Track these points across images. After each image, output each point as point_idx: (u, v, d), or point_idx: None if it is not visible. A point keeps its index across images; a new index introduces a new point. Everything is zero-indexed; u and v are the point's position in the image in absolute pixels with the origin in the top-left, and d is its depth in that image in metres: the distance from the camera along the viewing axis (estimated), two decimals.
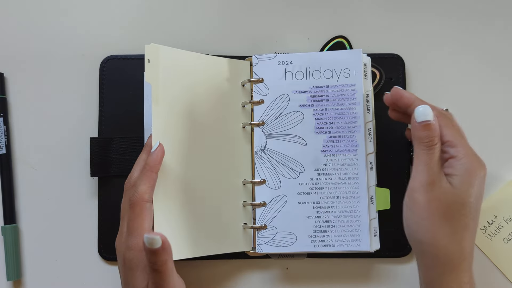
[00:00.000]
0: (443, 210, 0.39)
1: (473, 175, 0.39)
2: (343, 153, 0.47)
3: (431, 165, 0.40)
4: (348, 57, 0.48)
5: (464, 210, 0.39)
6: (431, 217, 0.39)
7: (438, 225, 0.39)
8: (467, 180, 0.39)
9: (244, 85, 0.50)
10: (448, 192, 0.39)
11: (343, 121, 0.48)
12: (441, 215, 0.39)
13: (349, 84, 0.48)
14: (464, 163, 0.40)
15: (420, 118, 0.41)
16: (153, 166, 0.43)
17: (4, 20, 0.54)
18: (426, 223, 0.40)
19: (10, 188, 0.51)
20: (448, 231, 0.39)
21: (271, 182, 0.48)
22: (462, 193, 0.39)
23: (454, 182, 0.40)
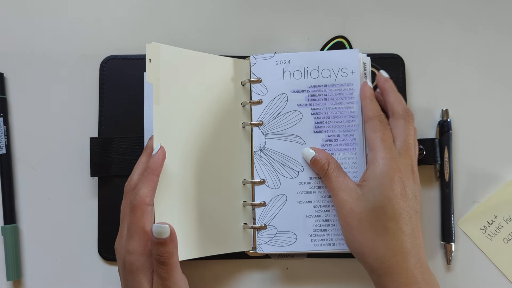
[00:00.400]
0: (358, 219, 0.42)
1: (381, 180, 0.41)
2: (341, 152, 0.47)
3: (335, 185, 0.44)
4: (345, 56, 0.48)
5: (378, 215, 0.41)
6: (352, 228, 0.42)
7: (359, 234, 0.42)
8: (375, 185, 0.41)
9: (244, 85, 0.50)
10: (359, 201, 0.42)
11: (342, 120, 0.48)
12: (358, 225, 0.42)
13: (347, 83, 0.48)
14: (375, 168, 0.42)
15: (307, 159, 0.47)
16: (154, 169, 0.42)
17: (4, 20, 0.54)
18: (350, 234, 0.43)
19: (10, 188, 0.51)
20: (369, 238, 0.41)
21: (271, 182, 0.48)
22: (371, 199, 0.41)
23: (364, 189, 0.42)
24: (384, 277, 0.41)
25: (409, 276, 0.40)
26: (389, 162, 0.42)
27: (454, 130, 0.52)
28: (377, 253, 0.41)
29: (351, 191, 0.43)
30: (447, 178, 0.50)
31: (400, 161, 0.42)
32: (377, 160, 0.42)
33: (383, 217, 0.41)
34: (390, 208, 0.41)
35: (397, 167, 0.42)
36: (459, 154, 0.52)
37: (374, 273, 0.42)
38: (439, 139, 0.51)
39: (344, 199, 0.43)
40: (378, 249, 0.41)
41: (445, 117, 0.52)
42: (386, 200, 0.41)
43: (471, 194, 0.51)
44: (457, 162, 0.52)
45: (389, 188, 0.41)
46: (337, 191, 0.44)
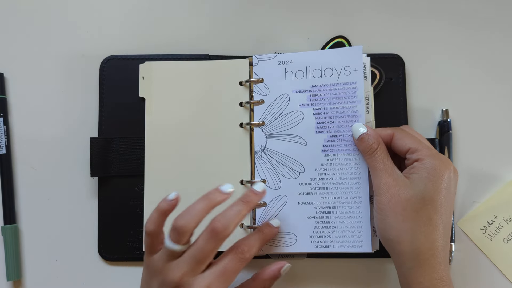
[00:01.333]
0: (403, 206, 0.41)
1: (433, 173, 0.41)
2: (344, 153, 0.47)
3: (381, 166, 0.43)
4: (348, 54, 0.48)
5: (425, 205, 0.41)
6: (393, 214, 0.41)
7: (401, 221, 0.41)
8: (426, 176, 0.41)
9: (242, 84, 0.50)
10: (405, 188, 0.41)
11: (344, 120, 0.47)
12: (402, 212, 0.41)
13: (350, 82, 0.47)
14: (425, 162, 0.41)
15: (356, 135, 0.45)
16: (164, 211, 0.41)
17: (5, 20, 0.53)
18: (389, 220, 0.41)
19: (10, 188, 0.51)
20: (411, 226, 0.40)
21: (271, 182, 0.48)
22: (421, 188, 0.41)
23: (413, 178, 0.41)
24: (417, 270, 0.40)
25: (440, 272, 0.40)
26: (438, 157, 0.42)
27: (454, 130, 0.52)
28: (416, 243, 0.40)
29: (398, 177, 0.42)
30: None
31: (445, 159, 0.42)
32: (424, 156, 0.42)
33: (430, 208, 0.40)
34: (438, 200, 0.41)
35: (446, 162, 0.42)
36: (459, 154, 0.52)
37: (405, 265, 0.41)
38: (439, 139, 0.51)
39: (390, 183, 0.42)
40: (418, 240, 0.40)
41: (445, 117, 0.52)
42: (436, 192, 0.41)
43: (471, 194, 0.51)
44: (457, 162, 0.52)
45: (440, 181, 0.41)
46: (382, 173, 0.42)
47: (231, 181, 0.48)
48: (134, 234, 0.50)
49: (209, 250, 0.40)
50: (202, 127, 0.49)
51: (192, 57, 0.52)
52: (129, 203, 0.50)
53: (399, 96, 0.52)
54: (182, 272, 0.39)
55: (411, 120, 0.52)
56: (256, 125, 0.49)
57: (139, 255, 0.49)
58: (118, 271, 0.50)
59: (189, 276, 0.39)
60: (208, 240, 0.40)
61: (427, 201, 0.40)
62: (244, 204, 0.42)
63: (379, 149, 0.43)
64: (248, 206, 0.42)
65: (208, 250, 0.39)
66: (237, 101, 0.50)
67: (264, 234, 0.44)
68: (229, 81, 0.50)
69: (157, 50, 0.53)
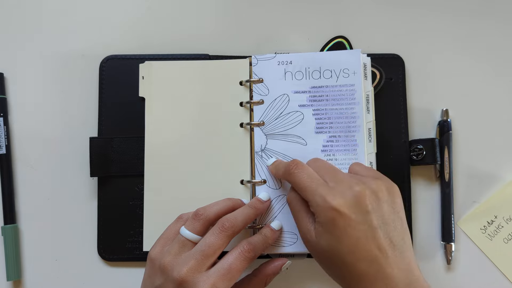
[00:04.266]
0: (321, 259, 0.40)
1: (329, 227, 0.38)
2: (343, 153, 0.47)
3: (299, 225, 0.41)
4: (347, 57, 0.48)
5: (332, 262, 0.38)
6: (319, 263, 0.41)
7: (326, 269, 0.40)
8: (326, 231, 0.38)
9: (243, 84, 0.50)
10: (315, 244, 0.39)
11: (343, 121, 0.48)
12: (322, 263, 0.40)
13: (348, 84, 0.48)
14: (319, 218, 0.39)
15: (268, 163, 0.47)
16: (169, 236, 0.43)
17: (4, 20, 0.53)
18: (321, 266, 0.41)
19: (10, 188, 0.51)
20: (336, 275, 0.39)
21: (272, 182, 0.48)
22: (323, 244, 0.38)
23: (318, 237, 0.39)
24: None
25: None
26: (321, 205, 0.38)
27: (454, 130, 0.52)
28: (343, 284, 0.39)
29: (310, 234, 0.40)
30: (447, 178, 0.50)
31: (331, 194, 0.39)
32: (315, 210, 0.39)
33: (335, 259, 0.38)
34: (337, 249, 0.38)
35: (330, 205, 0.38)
36: (459, 154, 0.52)
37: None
38: (439, 139, 0.51)
39: (305, 240, 0.41)
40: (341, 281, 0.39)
41: (445, 117, 0.52)
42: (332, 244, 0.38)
43: (471, 194, 0.51)
44: (457, 162, 0.52)
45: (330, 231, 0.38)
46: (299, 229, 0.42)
47: (231, 181, 0.48)
48: (134, 234, 0.50)
49: (217, 245, 0.40)
50: (202, 127, 0.49)
51: (192, 57, 0.52)
52: (129, 203, 0.50)
53: (399, 96, 0.52)
54: (189, 267, 0.39)
55: (411, 120, 0.52)
56: (256, 125, 0.49)
57: (139, 255, 0.49)
58: (118, 271, 0.50)
59: (195, 273, 0.39)
60: (217, 235, 0.40)
61: (334, 252, 0.38)
62: (251, 209, 0.44)
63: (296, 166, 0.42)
64: (255, 212, 0.44)
65: (216, 245, 0.40)
66: (237, 101, 0.50)
67: (266, 237, 0.44)
68: (229, 81, 0.50)
69: (157, 50, 0.53)
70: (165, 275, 0.39)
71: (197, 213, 0.42)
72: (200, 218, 0.42)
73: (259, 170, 0.48)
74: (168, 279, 0.39)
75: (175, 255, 0.40)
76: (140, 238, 0.49)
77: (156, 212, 0.49)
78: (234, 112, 0.49)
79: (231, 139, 0.49)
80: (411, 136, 0.52)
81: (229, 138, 0.49)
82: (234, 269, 0.40)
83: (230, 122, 0.49)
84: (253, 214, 0.44)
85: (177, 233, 0.42)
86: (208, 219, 0.42)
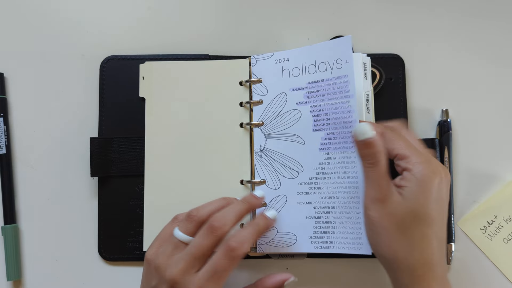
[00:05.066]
0: (397, 223, 0.39)
1: (423, 184, 0.39)
2: (341, 151, 0.46)
3: (378, 181, 0.40)
4: (338, 46, 0.46)
5: (418, 221, 0.39)
6: (386, 232, 0.40)
7: (394, 239, 0.39)
8: (417, 190, 0.39)
9: (242, 84, 0.50)
10: (398, 205, 0.39)
11: (339, 116, 0.46)
12: (396, 229, 0.39)
13: (342, 75, 0.46)
14: (415, 173, 0.39)
15: (360, 136, 0.40)
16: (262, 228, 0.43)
17: (4, 20, 0.54)
18: (383, 238, 0.40)
19: (10, 188, 0.51)
20: (405, 243, 0.39)
21: (271, 182, 0.48)
22: (413, 204, 0.39)
23: (405, 193, 0.39)
24: (412, 286, 0.39)
25: (436, 286, 0.39)
26: (427, 165, 0.40)
27: (454, 130, 0.52)
28: (411, 260, 0.39)
29: (391, 193, 0.40)
30: None
31: (435, 164, 0.40)
32: (413, 165, 0.40)
33: (424, 224, 0.39)
34: (431, 215, 0.39)
35: (436, 170, 0.40)
36: (459, 154, 0.52)
37: (400, 281, 0.40)
38: (439, 139, 0.51)
39: (382, 199, 0.40)
40: (412, 257, 0.39)
41: (445, 117, 0.52)
42: (429, 206, 0.39)
43: (471, 194, 0.51)
44: (457, 162, 0.52)
45: (431, 192, 0.39)
46: (376, 187, 0.40)
47: (231, 181, 0.48)
48: (134, 234, 0.50)
49: (206, 246, 0.40)
50: (202, 127, 0.49)
51: (192, 57, 0.52)
52: (129, 203, 0.50)
53: (399, 96, 0.52)
54: (179, 268, 0.39)
55: (411, 120, 0.52)
56: (256, 125, 0.49)
57: (139, 255, 0.49)
58: (118, 271, 0.50)
59: (186, 274, 0.39)
60: (205, 236, 0.40)
61: (421, 216, 0.39)
62: (243, 204, 0.43)
63: (381, 162, 0.40)
64: (248, 207, 0.43)
65: (205, 247, 0.40)
66: (237, 101, 0.50)
67: (258, 226, 0.43)
68: (229, 81, 0.50)
69: (157, 50, 0.53)
70: (159, 276, 0.40)
71: (190, 214, 0.42)
72: (193, 220, 0.42)
73: (259, 170, 0.48)
74: (162, 280, 0.39)
75: (169, 256, 0.40)
76: (140, 238, 0.49)
77: (156, 212, 0.49)
78: (234, 113, 0.49)
79: (231, 139, 0.49)
80: None
81: (229, 138, 0.49)
82: (220, 270, 0.39)
83: (230, 122, 0.49)
84: (245, 210, 0.42)
85: (172, 233, 0.42)
86: (201, 220, 0.42)
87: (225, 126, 0.49)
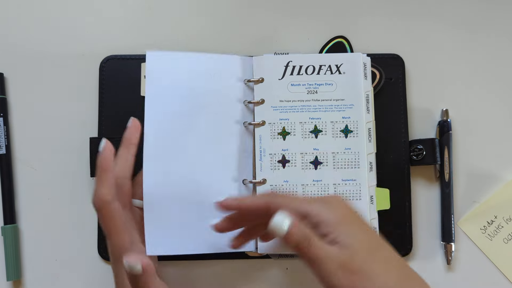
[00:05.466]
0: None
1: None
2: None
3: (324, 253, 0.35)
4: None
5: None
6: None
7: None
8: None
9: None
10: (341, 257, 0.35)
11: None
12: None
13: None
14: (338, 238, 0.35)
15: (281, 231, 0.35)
16: (105, 168, 0.42)
17: (4, 20, 0.54)
18: None
19: (10, 188, 0.51)
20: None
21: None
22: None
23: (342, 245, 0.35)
24: None
25: None
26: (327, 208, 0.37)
27: (454, 130, 0.52)
28: None
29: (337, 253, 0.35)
30: (447, 178, 0.50)
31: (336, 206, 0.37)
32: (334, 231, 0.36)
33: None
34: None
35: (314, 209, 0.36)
36: (459, 154, 0.52)
37: None
38: (439, 139, 0.51)
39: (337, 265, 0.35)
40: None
41: (445, 117, 0.52)
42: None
43: (471, 194, 0.51)
44: (457, 162, 0.52)
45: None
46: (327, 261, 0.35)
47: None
48: None
49: None
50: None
51: None
52: None
53: (399, 96, 0.52)
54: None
55: (411, 120, 0.52)
56: (257, 124, 0.49)
57: None
58: None
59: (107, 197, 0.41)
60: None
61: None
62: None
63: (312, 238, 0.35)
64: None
65: None
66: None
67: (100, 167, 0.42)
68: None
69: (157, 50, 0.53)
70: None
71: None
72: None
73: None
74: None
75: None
76: None
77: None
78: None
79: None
80: (411, 136, 0.52)
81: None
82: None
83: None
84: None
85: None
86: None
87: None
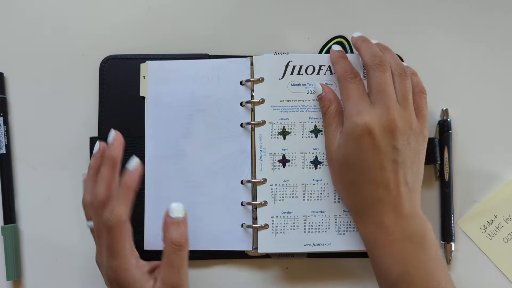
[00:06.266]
0: (335, 170, 0.46)
1: (346, 135, 0.43)
2: None
3: (327, 130, 0.46)
4: None
5: (346, 169, 0.44)
6: (331, 175, 0.47)
7: (334, 183, 0.46)
8: (342, 140, 0.44)
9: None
10: (335, 153, 0.44)
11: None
12: (334, 175, 0.46)
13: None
14: (344, 125, 0.44)
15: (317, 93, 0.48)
16: (131, 186, 0.42)
17: (4, 20, 0.54)
18: (332, 179, 0.47)
19: (10, 188, 0.51)
20: (341, 187, 0.45)
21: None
22: (340, 154, 0.44)
23: (340, 143, 0.44)
24: (357, 222, 0.44)
25: (378, 221, 0.42)
26: (355, 117, 0.42)
27: (454, 130, 0.52)
28: (348, 202, 0.45)
29: (335, 142, 0.45)
30: (447, 178, 0.50)
31: (369, 113, 0.42)
32: (346, 117, 0.44)
33: (350, 172, 0.43)
34: (355, 163, 0.42)
35: (363, 121, 0.42)
36: (459, 154, 0.52)
37: (352, 218, 0.46)
38: (439, 139, 0.51)
39: (328, 146, 0.46)
40: (348, 199, 0.45)
41: (445, 117, 0.52)
42: (351, 156, 0.43)
43: (471, 194, 0.51)
44: (457, 162, 0.52)
45: (353, 144, 0.42)
46: (325, 136, 0.47)
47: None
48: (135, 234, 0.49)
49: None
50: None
51: (192, 56, 0.52)
52: None
53: None
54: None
55: None
56: (257, 124, 0.49)
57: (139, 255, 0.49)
58: None
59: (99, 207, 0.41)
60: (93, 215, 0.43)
61: (344, 166, 0.44)
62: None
63: (329, 109, 0.46)
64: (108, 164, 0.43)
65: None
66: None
67: (126, 188, 0.42)
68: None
69: (157, 50, 0.53)
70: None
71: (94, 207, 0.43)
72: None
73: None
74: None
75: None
76: (140, 238, 0.49)
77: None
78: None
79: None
80: None
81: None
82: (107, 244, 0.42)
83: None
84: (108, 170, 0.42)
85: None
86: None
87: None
